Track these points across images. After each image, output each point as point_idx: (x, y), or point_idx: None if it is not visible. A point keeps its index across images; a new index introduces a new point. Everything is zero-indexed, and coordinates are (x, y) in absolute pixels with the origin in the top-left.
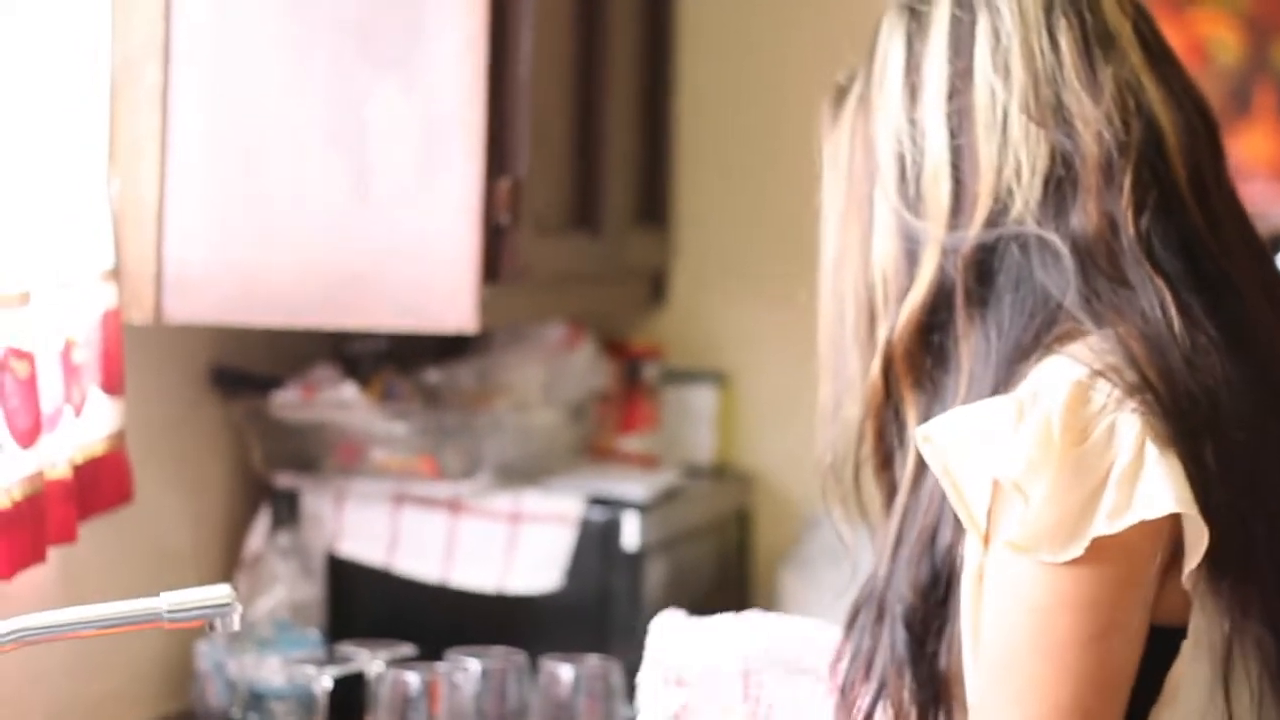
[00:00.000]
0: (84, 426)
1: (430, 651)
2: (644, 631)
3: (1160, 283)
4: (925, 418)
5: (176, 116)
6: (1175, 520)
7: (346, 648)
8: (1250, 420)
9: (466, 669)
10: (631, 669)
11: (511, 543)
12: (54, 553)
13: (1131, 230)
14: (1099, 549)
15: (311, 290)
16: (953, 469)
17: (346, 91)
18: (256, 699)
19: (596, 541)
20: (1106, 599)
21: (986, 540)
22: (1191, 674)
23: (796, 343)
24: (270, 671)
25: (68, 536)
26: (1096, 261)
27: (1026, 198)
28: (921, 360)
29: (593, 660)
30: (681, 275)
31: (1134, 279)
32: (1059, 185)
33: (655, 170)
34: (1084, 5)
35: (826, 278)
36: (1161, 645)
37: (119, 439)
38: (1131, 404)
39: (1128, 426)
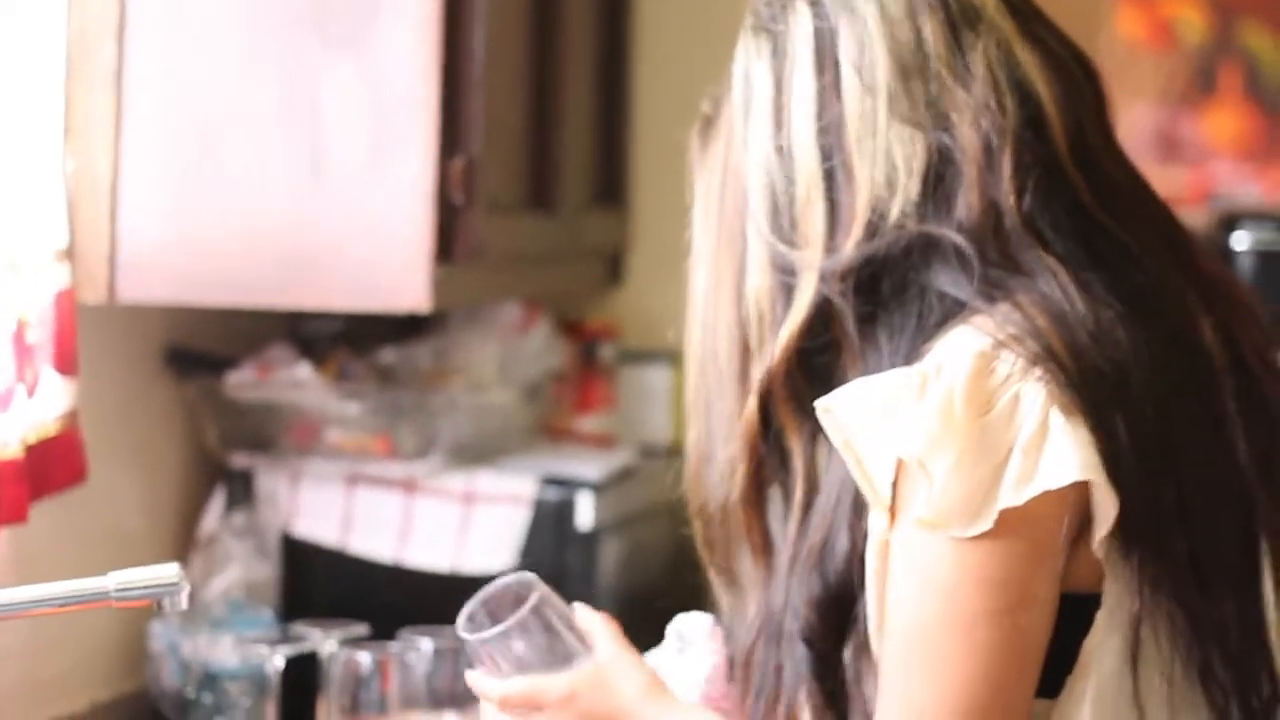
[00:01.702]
0: (37, 406)
1: (385, 631)
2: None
3: (1054, 263)
4: (809, 445)
5: (131, 95)
6: (1085, 489)
7: (300, 627)
8: (1162, 393)
9: (419, 648)
10: None
11: (465, 523)
12: (5, 533)
13: (1015, 215)
14: (1006, 521)
15: (265, 270)
16: (855, 443)
17: (300, 70)
18: (210, 678)
19: (551, 521)
20: (1015, 572)
21: (892, 515)
22: (1105, 644)
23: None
24: (224, 651)
25: (18, 516)
26: (986, 251)
27: (905, 199)
28: (803, 385)
29: None
30: (638, 255)
31: (1027, 264)
32: (940, 181)
33: (612, 151)
34: (945, 22)
35: (696, 315)
36: (1077, 614)
37: (72, 419)
38: (1036, 372)
39: (1032, 395)
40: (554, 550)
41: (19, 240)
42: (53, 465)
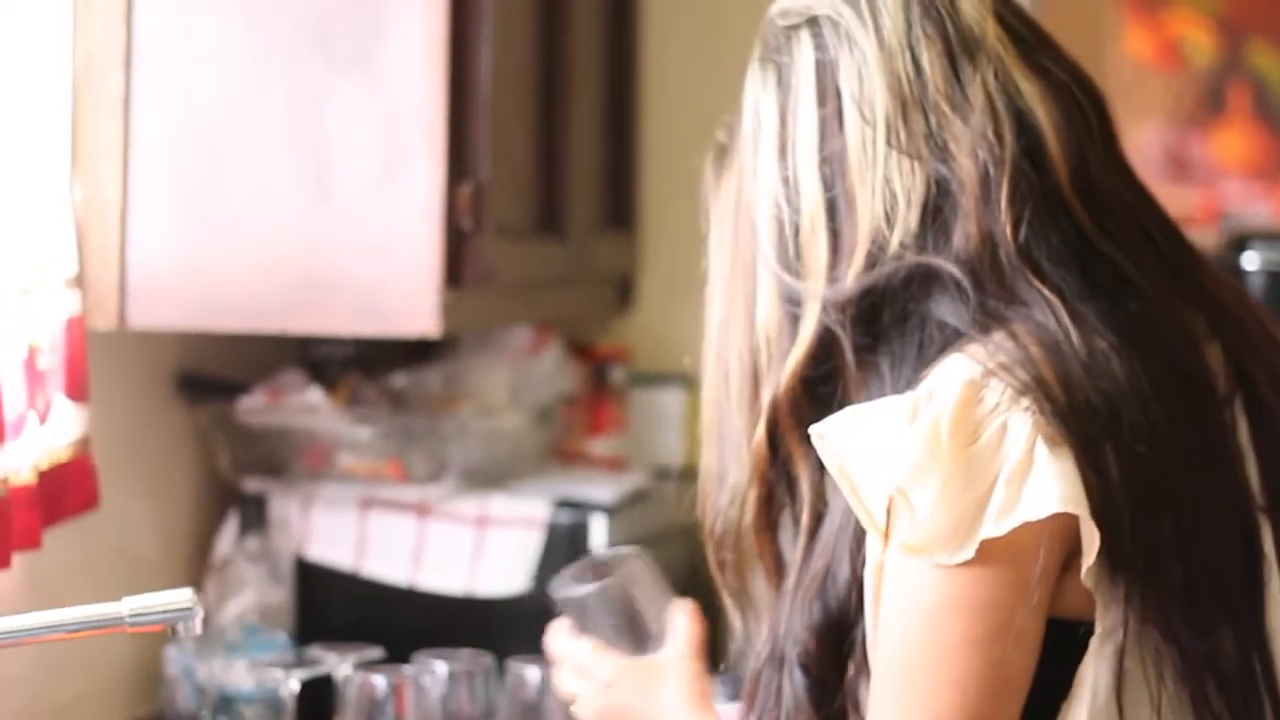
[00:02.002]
0: (49, 433)
1: (399, 654)
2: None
3: (1049, 294)
4: (815, 471)
5: (138, 121)
6: (1073, 519)
7: (315, 651)
8: (1156, 425)
9: (434, 671)
10: None
11: (479, 546)
12: (19, 559)
13: (1012, 246)
14: (989, 551)
15: (275, 294)
16: (849, 469)
17: (307, 94)
18: (225, 702)
19: (564, 544)
20: (996, 601)
21: (886, 538)
22: (1099, 672)
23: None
24: (239, 675)
25: (32, 543)
26: (983, 282)
27: (904, 230)
28: (809, 413)
29: None
30: (648, 278)
31: (1022, 294)
32: (938, 212)
33: (621, 174)
34: (943, 14)
35: (710, 343)
36: (1072, 640)
37: (84, 445)
38: (1024, 402)
39: (1019, 425)
40: None
41: (29, 267)
42: (65, 491)
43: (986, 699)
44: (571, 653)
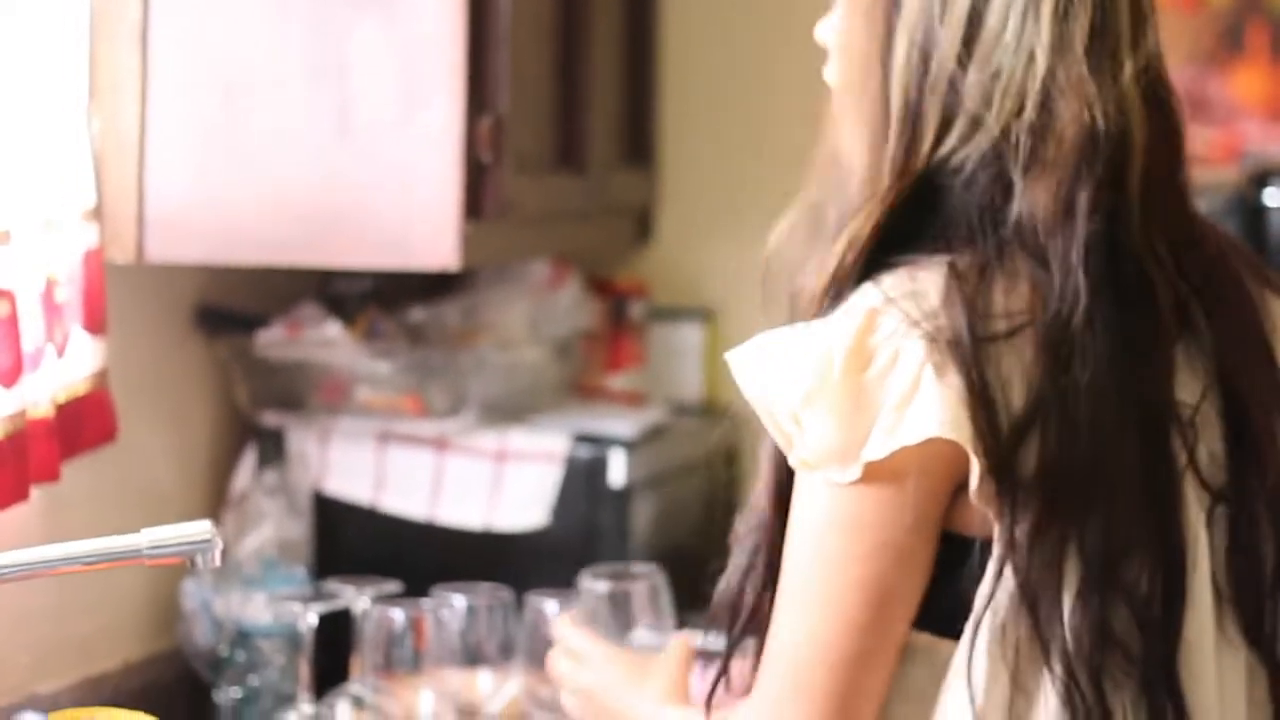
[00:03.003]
0: (67, 366)
1: (417, 588)
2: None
3: (1082, 283)
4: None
5: (156, 53)
6: (959, 443)
7: (333, 585)
8: (1097, 431)
9: (452, 605)
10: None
11: (498, 480)
12: (37, 492)
13: (1084, 224)
14: (873, 472)
15: (293, 228)
16: (762, 393)
17: (327, 27)
18: (243, 636)
19: (583, 479)
20: (876, 519)
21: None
22: (996, 590)
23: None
24: (256, 609)
25: (50, 475)
26: (1030, 233)
27: (1006, 133)
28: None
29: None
30: (667, 213)
31: (1056, 268)
32: (1034, 145)
33: (640, 108)
34: (1104, 5)
35: (840, 105)
36: (971, 556)
37: (102, 378)
38: (918, 331)
39: (910, 352)
40: (586, 508)
41: (47, 200)
42: (83, 424)
43: (868, 610)
44: (570, 636)
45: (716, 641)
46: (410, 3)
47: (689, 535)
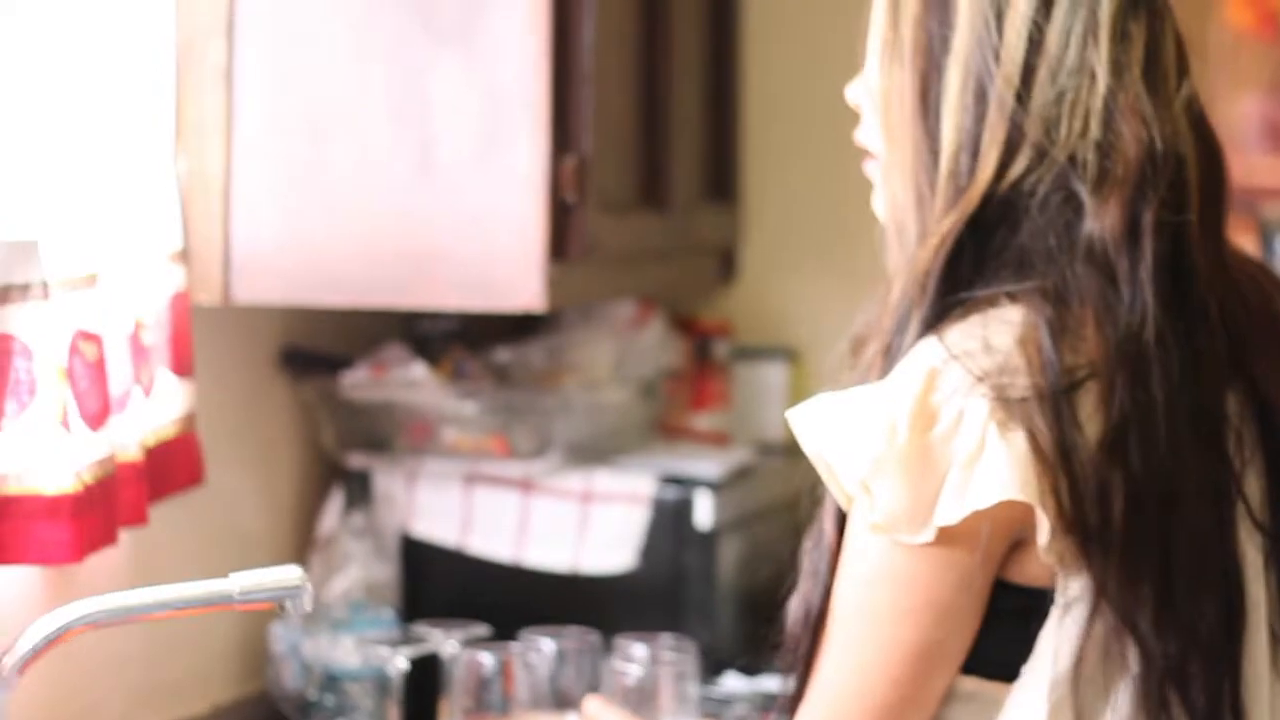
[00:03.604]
0: (154, 408)
1: (504, 631)
2: (718, 610)
3: (1153, 300)
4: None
5: (241, 95)
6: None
7: (421, 628)
8: (1175, 448)
9: (541, 649)
10: (705, 648)
11: (584, 522)
12: (126, 535)
13: (1150, 241)
14: (943, 535)
15: (378, 269)
16: (824, 453)
17: (410, 67)
18: (331, 680)
19: (669, 520)
20: (932, 579)
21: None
22: (1059, 640)
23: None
24: (345, 652)
25: (138, 519)
26: (1100, 252)
27: (1072, 154)
28: (940, 277)
29: (666, 639)
30: (751, 251)
31: (1125, 286)
32: (1099, 160)
33: (723, 146)
34: (1155, 28)
35: (884, 155)
36: (1037, 606)
37: (189, 421)
38: (982, 389)
39: (974, 411)
40: (673, 549)
41: (134, 242)
42: (171, 467)
43: (910, 664)
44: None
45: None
46: (493, 41)
47: (775, 576)
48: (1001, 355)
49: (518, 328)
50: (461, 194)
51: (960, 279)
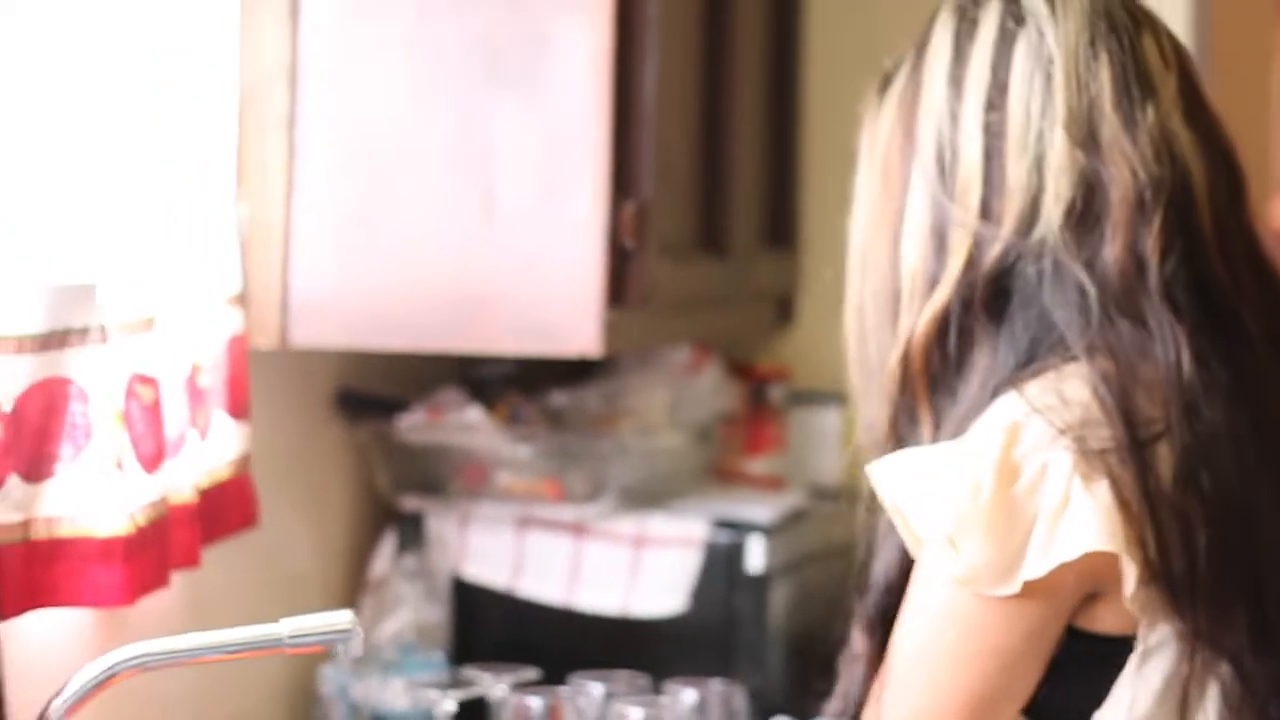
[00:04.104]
0: (209, 451)
1: (554, 675)
2: (769, 654)
3: (1179, 327)
4: (936, 419)
5: (302, 140)
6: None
7: (471, 671)
8: (1247, 468)
9: (590, 693)
10: (755, 693)
11: (636, 566)
12: (178, 577)
13: (1156, 271)
14: (1030, 588)
15: (436, 313)
16: (901, 506)
17: (471, 112)
18: None
19: (721, 564)
20: (1000, 625)
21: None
22: (1136, 686)
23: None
24: (394, 695)
25: (191, 561)
26: (1114, 297)
27: (1050, 222)
28: (936, 361)
29: (716, 684)
30: (808, 297)
31: (1151, 319)
32: (1084, 216)
33: (782, 192)
34: (1125, 46)
35: (855, 262)
36: (1111, 653)
37: (244, 463)
38: (1063, 441)
39: (1058, 464)
40: (724, 593)
41: (192, 285)
42: (225, 509)
43: (965, 711)
44: None
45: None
46: (555, 86)
47: (827, 621)
48: (1080, 408)
49: (574, 372)
50: (521, 238)
51: (963, 362)
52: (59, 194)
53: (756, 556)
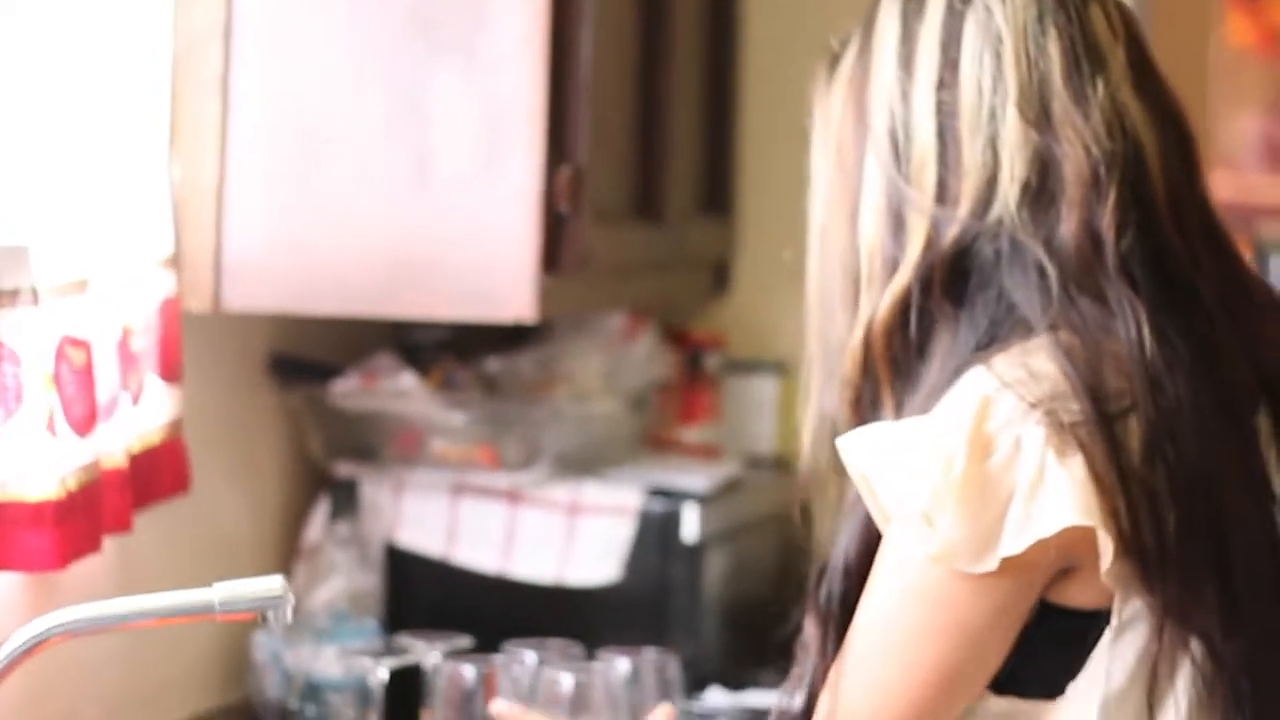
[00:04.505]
0: (141, 415)
1: (488, 643)
2: (703, 624)
3: (1138, 303)
4: (898, 401)
5: (237, 101)
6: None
7: (404, 639)
8: (1210, 441)
9: (523, 661)
10: (689, 662)
11: (570, 534)
12: (110, 542)
13: (1113, 248)
14: (1007, 564)
15: (371, 279)
16: (870, 477)
17: (407, 77)
18: (313, 690)
19: (656, 533)
20: (966, 600)
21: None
22: (1113, 660)
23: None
24: (327, 662)
25: (123, 526)
26: (1072, 275)
27: (1006, 201)
28: (898, 344)
29: (650, 653)
30: (744, 264)
31: (1111, 296)
32: (1040, 193)
33: (719, 159)
34: (1073, 18)
35: (814, 242)
36: (1085, 626)
37: (176, 428)
38: (1035, 415)
39: (1031, 438)
40: (659, 562)
41: (124, 247)
42: (157, 474)
43: (928, 688)
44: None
45: (788, 700)
46: (491, 52)
47: (762, 590)
48: (1049, 382)
49: (508, 338)
50: (456, 204)
51: (924, 344)
52: None
53: (691, 525)
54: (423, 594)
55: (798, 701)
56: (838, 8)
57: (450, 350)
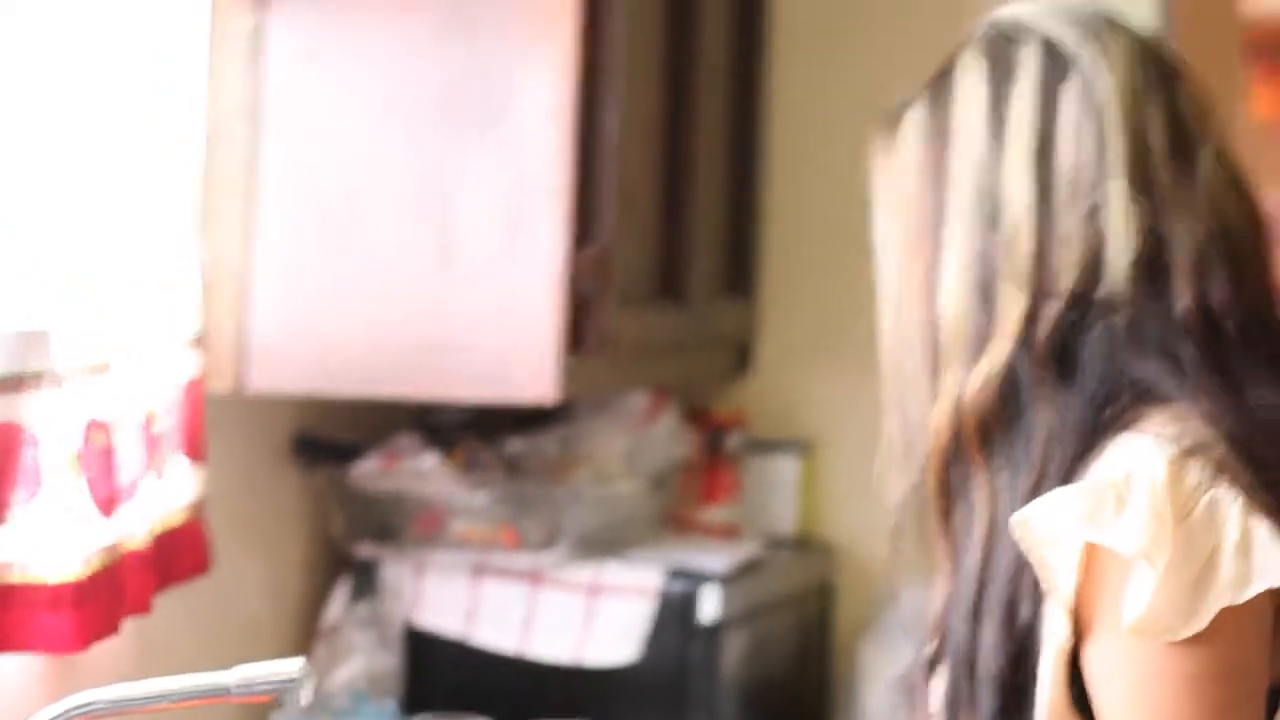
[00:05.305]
0: (164, 496)
1: None
2: (721, 705)
3: (1262, 373)
4: (993, 486)
5: (263, 183)
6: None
7: (423, 719)
8: None
9: None
10: None
11: (590, 614)
12: (130, 623)
13: (1233, 321)
14: (1224, 619)
15: (393, 360)
16: (1046, 553)
17: (433, 157)
18: None
19: (675, 614)
20: (1235, 665)
21: (1079, 624)
22: None
23: (880, 413)
24: None
25: (143, 608)
26: (1196, 352)
27: (1117, 277)
28: (992, 419)
29: None
30: (766, 345)
31: (1237, 370)
32: (1151, 268)
33: (742, 241)
34: (1171, 93)
35: (888, 315)
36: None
37: (198, 508)
38: (1225, 479)
39: (1228, 501)
40: (678, 643)
41: (150, 330)
42: (179, 555)
43: None
44: None
45: None
46: (517, 133)
47: (780, 671)
48: (1218, 449)
49: (531, 417)
50: (479, 284)
51: (1023, 420)
52: (14, 236)
53: (710, 606)
54: (442, 674)
55: None
56: (863, 90)
57: (472, 430)
